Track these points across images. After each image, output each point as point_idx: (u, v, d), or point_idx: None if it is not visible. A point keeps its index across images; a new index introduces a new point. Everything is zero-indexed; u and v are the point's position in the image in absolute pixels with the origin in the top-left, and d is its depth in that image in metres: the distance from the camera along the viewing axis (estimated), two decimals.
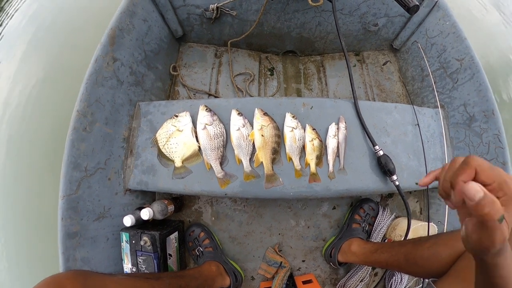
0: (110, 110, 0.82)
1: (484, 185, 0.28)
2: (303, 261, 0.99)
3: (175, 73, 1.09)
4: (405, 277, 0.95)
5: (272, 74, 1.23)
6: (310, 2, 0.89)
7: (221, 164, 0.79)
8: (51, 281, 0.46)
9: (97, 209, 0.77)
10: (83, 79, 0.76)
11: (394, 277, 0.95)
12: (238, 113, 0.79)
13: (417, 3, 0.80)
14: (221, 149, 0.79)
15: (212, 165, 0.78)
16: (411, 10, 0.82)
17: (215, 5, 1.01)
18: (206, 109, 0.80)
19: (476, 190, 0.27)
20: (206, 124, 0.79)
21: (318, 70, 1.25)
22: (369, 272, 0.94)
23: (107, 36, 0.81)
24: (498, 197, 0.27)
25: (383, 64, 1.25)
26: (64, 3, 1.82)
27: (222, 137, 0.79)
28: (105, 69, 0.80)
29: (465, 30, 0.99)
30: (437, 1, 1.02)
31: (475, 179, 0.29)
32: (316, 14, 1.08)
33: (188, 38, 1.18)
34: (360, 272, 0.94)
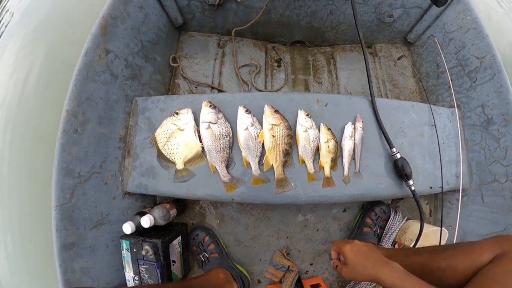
0: (103, 108, 0.72)
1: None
2: (311, 264, 0.93)
3: (175, 65, 0.98)
4: None
5: (279, 66, 1.12)
6: None
7: (227, 167, 0.70)
8: None
9: (94, 217, 0.69)
10: (72, 76, 0.66)
11: None
12: (246, 110, 0.70)
13: None
14: (227, 150, 0.70)
15: (218, 168, 0.70)
16: (439, 2, 0.73)
17: None
18: (210, 106, 0.70)
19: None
20: (210, 122, 0.69)
21: (328, 62, 1.15)
22: None
23: (98, 25, 0.70)
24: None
25: (398, 59, 1.14)
26: None
27: (228, 137, 0.70)
28: (96, 62, 0.70)
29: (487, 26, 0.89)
30: None
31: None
32: (328, 2, 0.97)
33: (189, 26, 1.06)
34: None
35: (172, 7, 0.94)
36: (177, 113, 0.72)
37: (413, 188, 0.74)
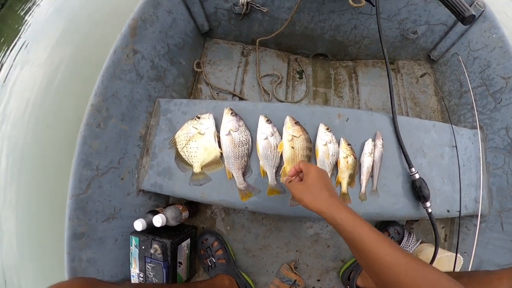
0: (127, 106, 0.73)
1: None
2: (318, 280, 0.89)
3: (198, 70, 0.99)
4: None
5: (301, 78, 1.11)
6: (351, 3, 0.77)
7: (244, 174, 0.69)
8: None
9: (107, 210, 0.69)
10: (100, 72, 0.67)
11: None
12: (267, 120, 0.68)
13: (474, 13, 0.68)
14: (245, 158, 0.69)
15: (234, 175, 0.69)
16: (466, 21, 0.70)
17: (246, 0, 0.91)
18: (232, 113, 0.70)
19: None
20: (231, 129, 0.68)
21: (350, 77, 1.12)
22: None
23: (128, 26, 0.71)
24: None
25: (421, 77, 1.11)
26: None
27: (248, 145, 0.69)
28: (124, 61, 0.71)
29: None
30: (483, 11, 0.87)
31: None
32: (353, 17, 0.95)
33: (214, 33, 1.07)
34: None
35: (199, 14, 0.95)
36: (198, 117, 0.72)
37: (430, 210, 0.70)
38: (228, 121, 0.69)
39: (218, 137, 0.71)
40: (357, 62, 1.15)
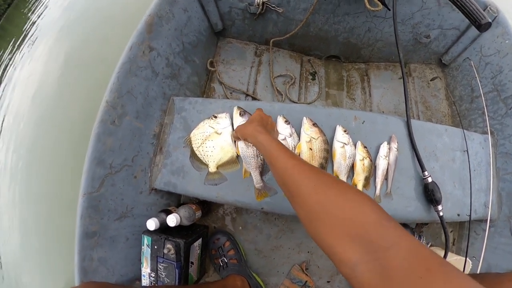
0: (142, 103, 0.71)
1: None
2: (328, 282, 0.88)
3: (212, 69, 0.98)
4: None
5: (313, 79, 1.10)
6: (368, 6, 0.77)
7: (261, 174, 0.69)
8: None
9: (119, 209, 0.68)
10: (115, 68, 0.65)
11: None
12: (286, 121, 0.68)
13: (490, 21, 0.68)
14: (262, 157, 0.69)
15: (252, 174, 0.68)
16: (482, 28, 0.69)
17: (261, 0, 0.90)
18: (241, 113, 0.69)
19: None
20: None
21: (362, 79, 1.12)
22: None
23: (144, 23, 0.70)
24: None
25: (431, 80, 1.11)
26: None
27: None
28: (140, 58, 0.69)
29: None
30: (496, 16, 0.87)
31: None
32: (367, 19, 0.95)
33: (228, 33, 1.06)
34: None
35: (214, 13, 0.94)
36: (215, 117, 0.71)
37: (441, 214, 0.70)
38: (242, 120, 0.68)
39: None
40: (369, 65, 1.15)
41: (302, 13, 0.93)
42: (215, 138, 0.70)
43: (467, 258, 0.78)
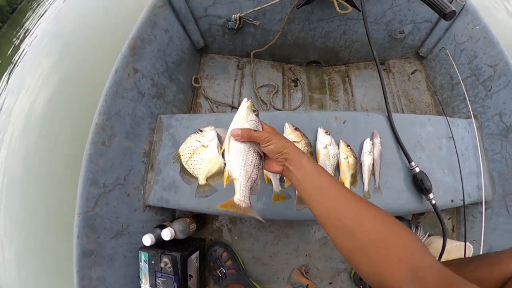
0: (130, 123, 0.75)
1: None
2: (330, 283, 0.88)
3: (197, 85, 1.02)
4: None
5: (296, 85, 1.14)
6: (338, 10, 0.81)
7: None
8: None
9: (115, 227, 0.70)
10: (103, 91, 0.69)
11: None
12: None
13: (454, 9, 0.71)
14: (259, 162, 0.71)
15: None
16: (448, 17, 0.72)
17: (238, 15, 0.94)
18: (256, 112, 0.69)
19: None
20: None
21: (344, 81, 1.16)
22: None
23: (128, 46, 0.74)
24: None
25: (411, 74, 1.15)
26: (82, 22, 1.82)
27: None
28: (125, 80, 0.73)
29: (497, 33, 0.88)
30: (464, 5, 0.91)
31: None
32: (341, 23, 1.00)
33: (210, 49, 1.11)
34: None
35: (194, 31, 0.99)
36: (201, 131, 0.74)
37: (433, 202, 0.71)
38: (254, 120, 0.66)
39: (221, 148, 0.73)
40: (349, 66, 1.19)
41: (278, 23, 0.98)
42: (202, 151, 0.73)
43: (468, 243, 0.78)
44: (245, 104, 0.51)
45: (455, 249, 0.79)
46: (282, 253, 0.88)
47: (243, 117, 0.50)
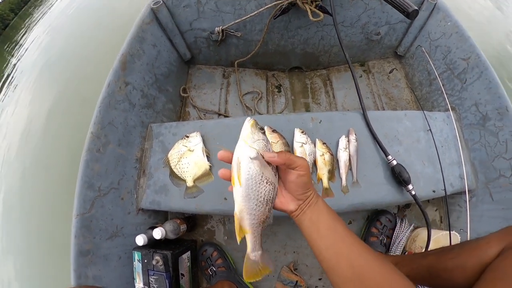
0: (123, 132, 0.81)
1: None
2: (320, 279, 0.92)
3: (185, 95, 1.10)
4: None
5: (279, 91, 1.21)
6: (311, 18, 0.88)
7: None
8: None
9: (110, 228, 0.75)
10: (97, 103, 0.76)
11: None
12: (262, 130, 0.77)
13: (416, 8, 0.75)
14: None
15: (249, 235, 0.73)
16: (411, 16, 0.77)
17: (220, 27, 1.02)
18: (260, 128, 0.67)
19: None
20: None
21: (325, 84, 1.22)
22: None
23: (118, 61, 0.82)
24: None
25: (390, 72, 1.21)
26: (72, 37, 1.92)
27: None
28: (117, 93, 0.80)
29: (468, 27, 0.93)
30: (436, 3, 0.98)
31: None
32: (318, 29, 1.07)
33: (196, 60, 1.19)
34: None
35: (181, 44, 1.07)
36: (187, 136, 0.81)
37: (413, 192, 0.74)
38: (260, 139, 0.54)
39: (207, 152, 0.79)
40: (330, 70, 1.25)
41: (258, 33, 1.06)
42: (189, 155, 0.79)
43: (455, 232, 0.81)
44: (248, 123, 0.43)
45: (442, 238, 0.81)
46: (270, 250, 0.92)
47: (249, 137, 0.41)
